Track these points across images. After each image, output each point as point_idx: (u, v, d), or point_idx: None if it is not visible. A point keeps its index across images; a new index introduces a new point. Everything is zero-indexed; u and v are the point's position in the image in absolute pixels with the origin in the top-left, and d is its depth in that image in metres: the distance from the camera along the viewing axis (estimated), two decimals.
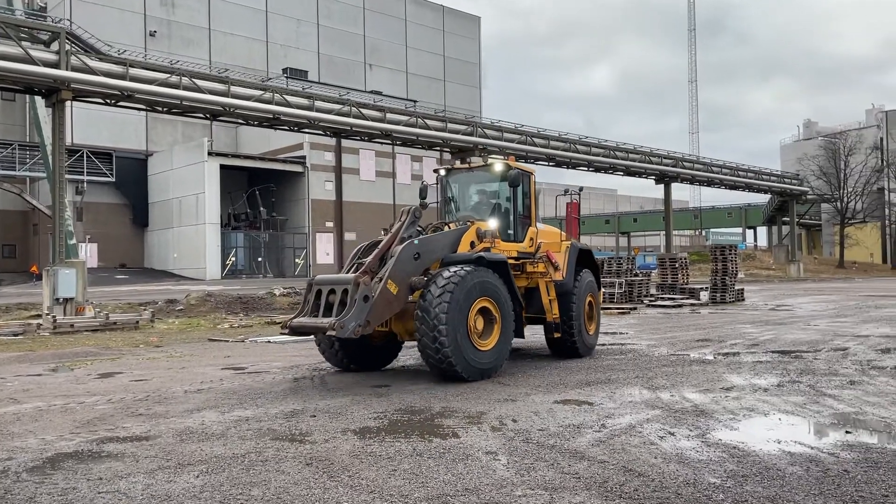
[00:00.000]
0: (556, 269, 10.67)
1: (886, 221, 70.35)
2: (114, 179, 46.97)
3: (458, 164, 11.58)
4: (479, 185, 11.27)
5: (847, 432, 6.08)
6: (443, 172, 11.18)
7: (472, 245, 9.73)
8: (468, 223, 9.96)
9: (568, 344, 10.87)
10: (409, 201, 51.91)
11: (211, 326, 18.23)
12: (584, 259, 11.77)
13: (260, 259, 48.84)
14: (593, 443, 5.75)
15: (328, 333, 8.04)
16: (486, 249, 9.75)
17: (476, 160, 11.78)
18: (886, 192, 68.67)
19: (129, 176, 49.22)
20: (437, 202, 11.20)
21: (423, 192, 11.12)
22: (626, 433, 6.05)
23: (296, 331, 8.65)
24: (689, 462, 5.17)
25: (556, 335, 10.68)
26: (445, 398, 7.71)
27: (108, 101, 22.53)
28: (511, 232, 10.65)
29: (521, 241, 10.74)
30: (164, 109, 24.76)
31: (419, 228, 9.73)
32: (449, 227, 10.02)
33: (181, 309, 22.07)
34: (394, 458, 5.34)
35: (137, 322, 17.99)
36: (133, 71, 22.08)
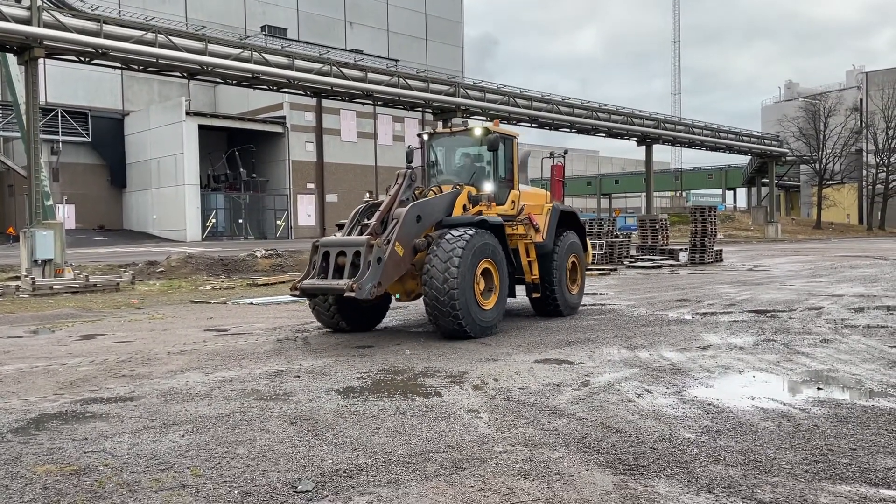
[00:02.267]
0: (536, 230, 10.81)
1: (863, 183, 71.12)
2: (90, 139, 46.13)
3: (440, 128, 11.87)
4: (461, 149, 11.35)
5: (819, 389, 6.26)
6: (426, 137, 11.25)
7: (465, 209, 9.98)
8: (457, 186, 10.20)
9: (549, 304, 11.16)
10: (390, 163, 51.69)
11: (192, 288, 18.18)
12: (568, 221, 12.03)
13: (241, 221, 48.50)
14: (572, 400, 5.87)
15: (347, 295, 8.22)
16: (480, 213, 9.99)
17: (458, 125, 12.04)
18: (864, 153, 69.26)
19: (106, 136, 48.35)
20: (423, 166, 11.29)
21: (409, 156, 11.28)
22: (604, 391, 6.19)
23: (307, 292, 8.91)
24: (665, 418, 5.30)
25: (536, 295, 11.06)
26: (428, 358, 7.81)
27: (83, 58, 22.00)
28: (493, 195, 10.78)
29: (503, 204, 10.84)
30: (140, 68, 24.25)
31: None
32: (434, 192, 10.17)
33: (162, 271, 21.94)
34: (377, 416, 5.43)
35: (118, 284, 17.89)
36: (107, 28, 21.54)
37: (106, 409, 5.76)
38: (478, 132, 10.85)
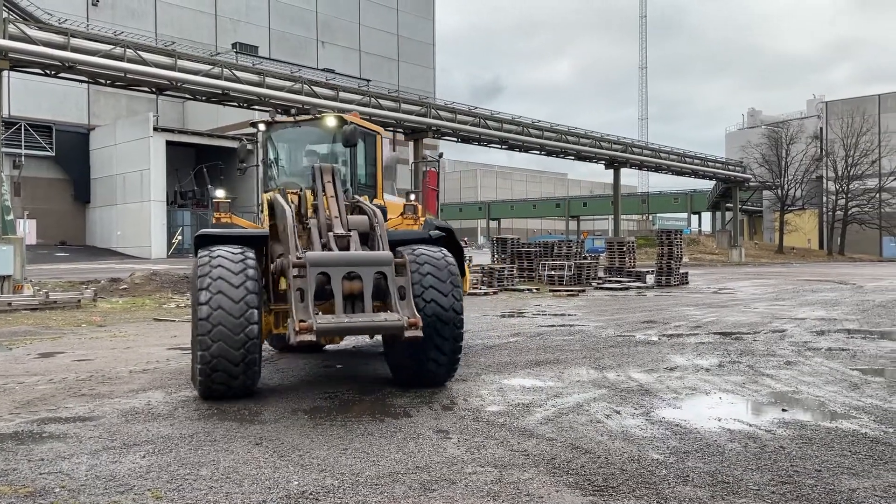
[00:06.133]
0: None
1: (824, 209, 72.86)
2: (53, 154, 45.36)
3: (279, 117, 9.34)
4: (310, 144, 9.15)
5: (783, 410, 6.33)
6: (262, 127, 8.89)
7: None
8: (302, 191, 7.61)
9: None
10: None
11: (156, 306, 17.85)
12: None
13: None
14: (542, 421, 5.86)
15: (408, 335, 5.94)
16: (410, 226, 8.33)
17: (303, 115, 9.63)
18: (825, 180, 71.05)
19: (70, 150, 47.55)
20: (257, 164, 9.20)
21: (241, 153, 9.44)
22: (573, 412, 6.18)
23: (328, 333, 6.02)
24: (633, 439, 5.31)
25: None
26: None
27: (49, 71, 21.68)
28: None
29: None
30: (108, 82, 23.94)
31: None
32: (276, 195, 7.73)
33: (125, 288, 21.52)
34: (344, 437, 5.35)
35: (79, 301, 17.48)
36: (75, 41, 21.28)
37: (64, 429, 5.59)
38: (330, 122, 8.69)
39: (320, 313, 6.01)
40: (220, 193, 9.00)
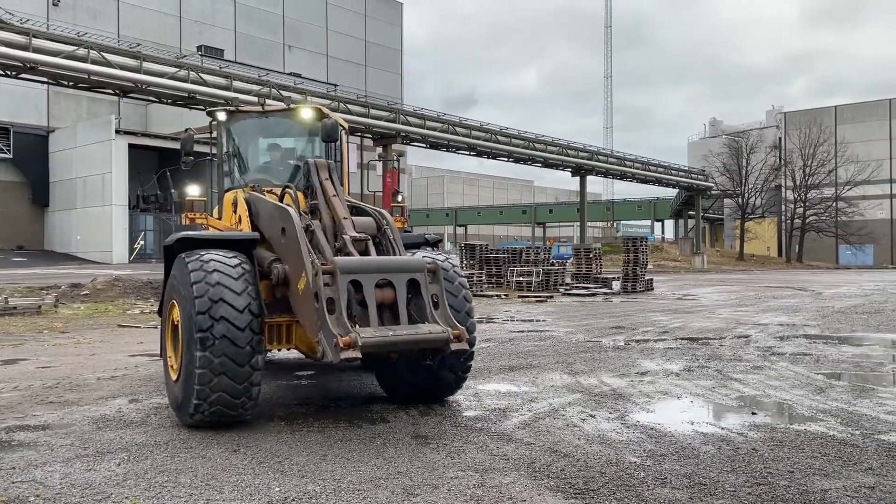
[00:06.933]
0: None
1: (782, 217, 74.62)
2: (11, 156, 44.23)
3: (246, 106, 8.50)
4: (275, 138, 8.39)
5: (753, 413, 6.47)
6: (222, 117, 7.98)
7: None
8: (287, 190, 6.91)
9: None
10: None
11: (120, 312, 17.51)
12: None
13: None
14: (519, 426, 5.90)
15: (455, 347, 5.34)
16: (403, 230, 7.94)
17: (273, 103, 8.81)
18: (783, 188, 72.81)
19: (29, 153, 46.43)
20: (211, 158, 8.34)
21: (186, 144, 8.22)
22: (549, 416, 6.24)
23: (375, 349, 5.18)
24: (610, 443, 5.38)
25: None
26: (372, 384, 7.71)
27: (9, 72, 21.24)
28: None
29: None
30: (70, 84, 23.54)
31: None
32: (254, 194, 7.11)
33: (87, 294, 21.05)
34: (323, 443, 5.32)
35: (40, 307, 17.06)
36: (37, 42, 20.87)
37: (34, 437, 5.46)
38: (306, 114, 7.97)
39: (375, 327, 5.26)
40: (194, 191, 8.25)
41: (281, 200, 6.75)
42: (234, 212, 7.30)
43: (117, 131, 43.34)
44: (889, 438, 5.52)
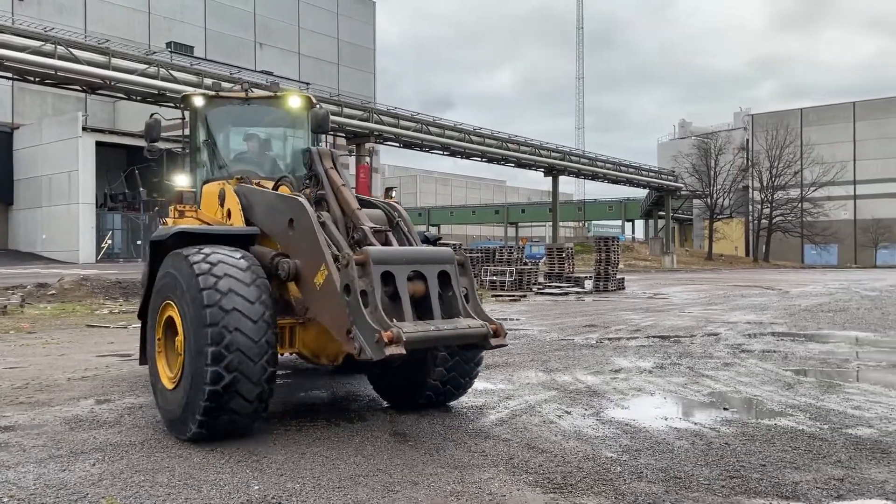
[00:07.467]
0: None
1: (750, 217, 75.89)
2: None
3: (227, 91, 7.87)
4: (259, 127, 7.94)
5: (725, 409, 6.59)
6: (199, 102, 7.48)
7: None
8: (283, 182, 6.58)
9: None
10: None
11: (88, 312, 17.22)
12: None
13: (139, 242, 46.42)
14: (496, 423, 5.94)
15: (495, 343, 5.06)
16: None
17: (258, 90, 8.49)
18: (751, 189, 74.06)
19: None
20: (183, 147, 8.00)
21: (151, 131, 7.51)
22: (526, 413, 6.29)
23: (418, 345, 4.76)
24: (586, 439, 5.45)
25: None
26: (349, 383, 7.71)
27: None
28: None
29: None
30: (37, 80, 23.11)
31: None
32: (228, 185, 6.77)
33: (54, 293, 20.66)
34: (301, 442, 5.30)
35: (5, 307, 16.70)
36: (3, 37, 20.48)
37: (4, 437, 5.36)
38: (294, 102, 7.57)
39: (415, 321, 4.88)
40: (183, 181, 7.58)
41: None
42: (221, 205, 6.76)
43: (84, 128, 42.60)
44: (856, 432, 5.67)
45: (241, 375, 4.93)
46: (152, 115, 7.68)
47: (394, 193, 6.83)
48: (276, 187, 6.47)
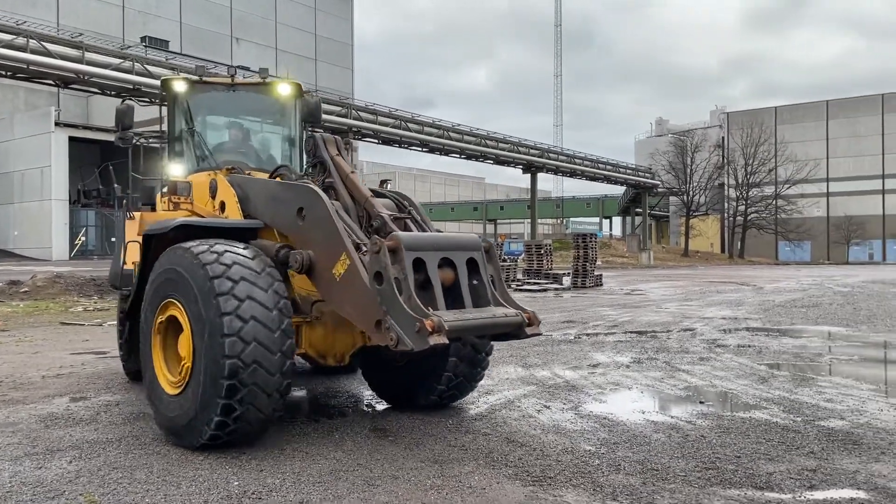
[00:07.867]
0: None
1: (725, 215, 76.80)
2: None
3: (211, 77, 7.69)
4: (244, 116, 7.62)
5: (701, 402, 6.68)
6: (182, 88, 7.17)
7: None
8: (280, 171, 6.30)
9: None
10: None
11: (62, 309, 16.99)
12: None
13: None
14: (475, 417, 5.97)
15: (530, 332, 4.98)
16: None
17: (248, 77, 8.15)
18: (726, 187, 74.98)
19: None
20: (161, 137, 7.72)
21: (124, 117, 7.18)
22: (505, 408, 6.33)
23: (459, 333, 4.62)
24: (565, 432, 5.50)
25: None
26: (328, 380, 7.70)
27: None
28: None
29: None
30: (8, 74, 22.73)
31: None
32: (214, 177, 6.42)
33: (26, 291, 20.36)
34: (280, 438, 5.29)
35: None
36: None
37: None
38: (283, 90, 7.30)
39: (454, 311, 4.63)
40: (177, 171, 7.13)
41: None
42: (213, 197, 6.35)
43: (57, 123, 41.93)
44: (829, 424, 5.78)
45: (257, 389, 4.64)
46: (124, 100, 7.31)
47: (388, 186, 6.56)
48: (272, 177, 6.20)
